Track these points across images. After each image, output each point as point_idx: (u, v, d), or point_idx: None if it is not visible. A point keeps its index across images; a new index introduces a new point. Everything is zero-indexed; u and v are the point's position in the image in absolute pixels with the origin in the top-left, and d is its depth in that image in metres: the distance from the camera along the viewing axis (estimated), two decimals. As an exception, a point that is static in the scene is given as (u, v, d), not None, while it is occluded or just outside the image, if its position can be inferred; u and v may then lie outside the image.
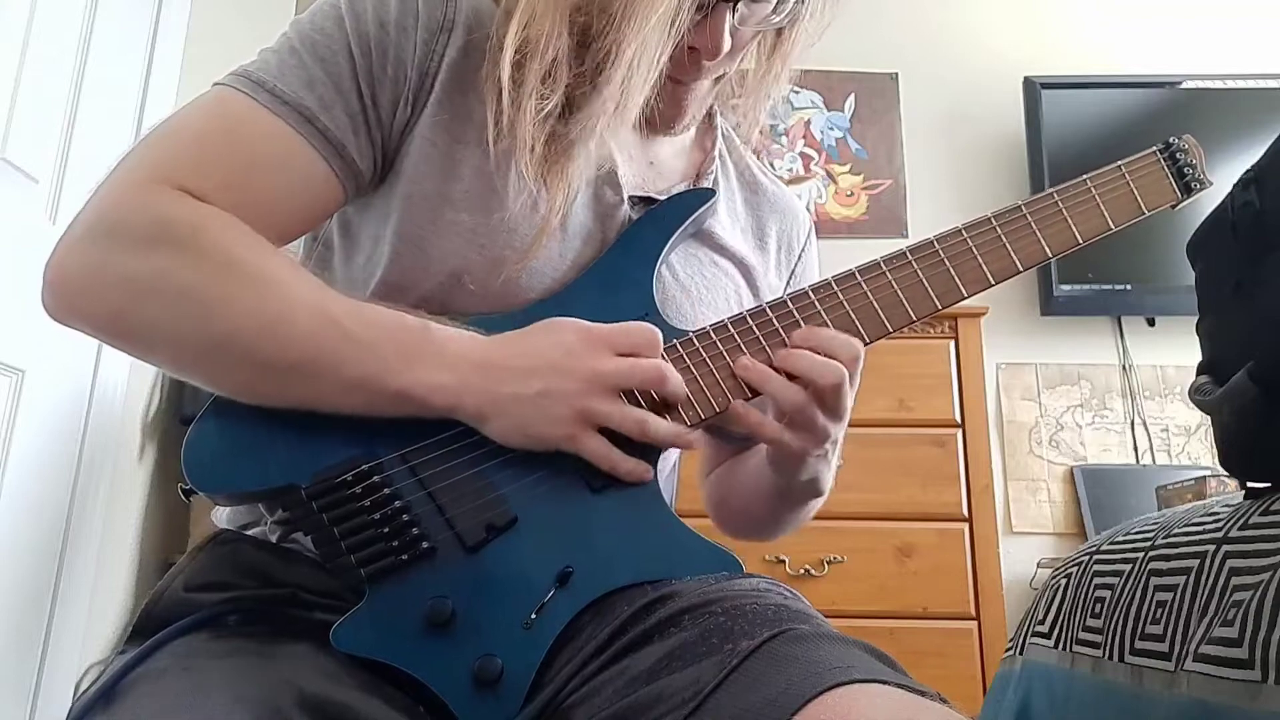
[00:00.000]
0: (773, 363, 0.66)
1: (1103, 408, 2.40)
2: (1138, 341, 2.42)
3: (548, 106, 0.65)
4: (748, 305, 0.71)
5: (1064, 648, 0.80)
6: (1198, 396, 0.73)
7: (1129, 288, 2.36)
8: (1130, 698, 0.67)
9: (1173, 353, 2.38)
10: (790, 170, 2.61)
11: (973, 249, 0.70)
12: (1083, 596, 0.80)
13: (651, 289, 0.68)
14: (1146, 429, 2.37)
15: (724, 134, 0.82)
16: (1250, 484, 0.69)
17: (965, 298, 0.70)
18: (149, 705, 0.50)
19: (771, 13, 0.68)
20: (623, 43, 0.62)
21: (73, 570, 1.71)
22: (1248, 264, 0.69)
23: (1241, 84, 2.44)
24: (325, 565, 0.58)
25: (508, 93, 0.64)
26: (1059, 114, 2.46)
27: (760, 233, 0.81)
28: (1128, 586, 0.73)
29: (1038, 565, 2.19)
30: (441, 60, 0.66)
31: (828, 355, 0.65)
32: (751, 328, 0.67)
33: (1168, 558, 0.70)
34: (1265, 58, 2.55)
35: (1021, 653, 0.88)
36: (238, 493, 0.61)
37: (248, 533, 0.66)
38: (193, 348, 0.60)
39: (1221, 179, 0.76)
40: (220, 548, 0.64)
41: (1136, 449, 2.36)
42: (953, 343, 2.08)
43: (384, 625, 0.56)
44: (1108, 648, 0.73)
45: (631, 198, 0.72)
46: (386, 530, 0.58)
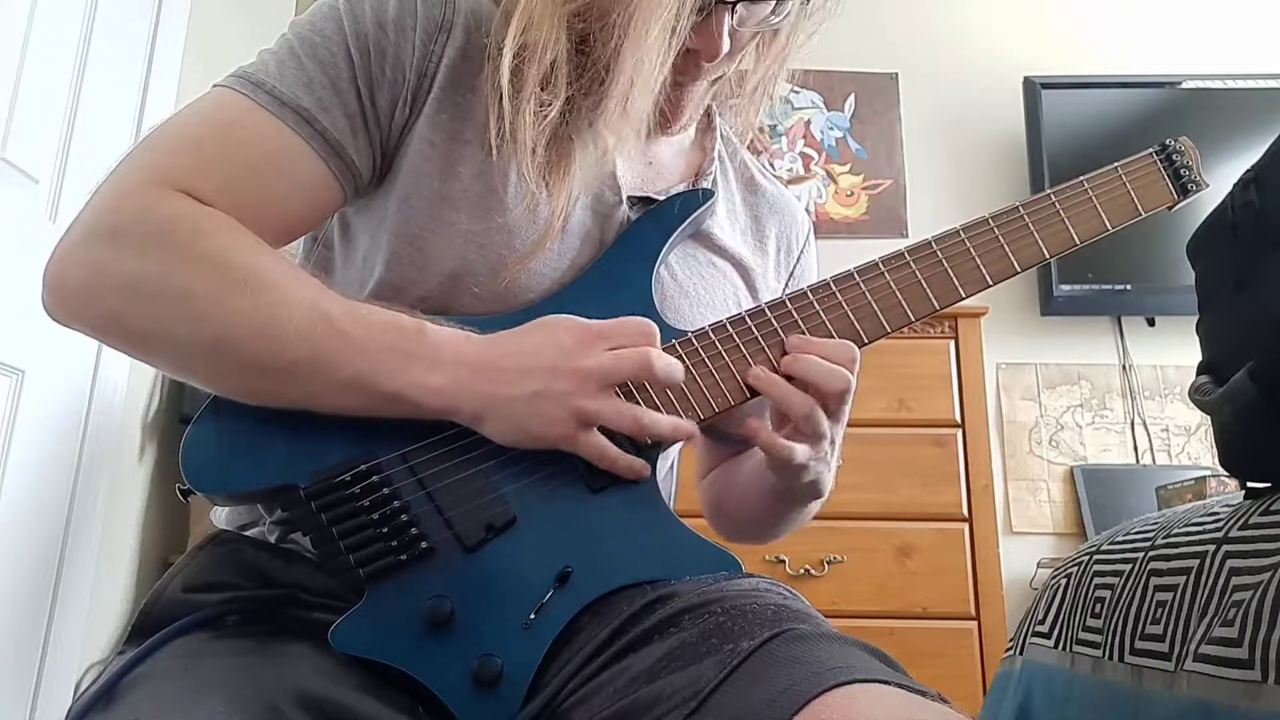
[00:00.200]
0: (778, 368, 0.66)
1: (1103, 408, 2.40)
2: (1138, 341, 2.42)
3: (549, 112, 0.65)
4: (746, 306, 0.71)
5: (1064, 648, 0.80)
6: (1198, 396, 0.73)
7: (1129, 288, 2.36)
8: (1130, 698, 0.67)
9: (1173, 353, 2.38)
10: (790, 170, 2.61)
11: (970, 250, 0.70)
12: (1083, 596, 0.80)
13: (650, 289, 0.68)
14: (1146, 429, 2.37)
15: (723, 135, 0.82)
16: (1250, 484, 0.69)
17: (963, 298, 0.70)
18: (148, 705, 0.50)
19: (770, 14, 0.68)
20: (625, 49, 0.62)
21: (73, 570, 1.71)
22: (1248, 264, 0.69)
23: (1241, 84, 2.44)
24: (324, 565, 0.58)
25: (507, 96, 0.64)
26: (1059, 114, 2.46)
27: (759, 234, 0.81)
28: (1128, 586, 0.73)
29: (1038, 565, 2.19)
30: (440, 61, 0.66)
31: (825, 360, 0.65)
32: (750, 328, 0.67)
33: (1168, 558, 0.70)
34: (1265, 58, 2.55)
35: (1021, 653, 0.88)
36: (236, 493, 0.61)
37: (247, 533, 0.66)
38: (190, 349, 0.60)
39: (1221, 179, 0.76)
40: (219, 548, 0.64)
41: (1136, 449, 2.36)
42: (953, 343, 2.08)
43: (383, 625, 0.56)
44: (1108, 648, 0.73)
45: (630, 198, 0.72)
46: (385, 530, 0.58)
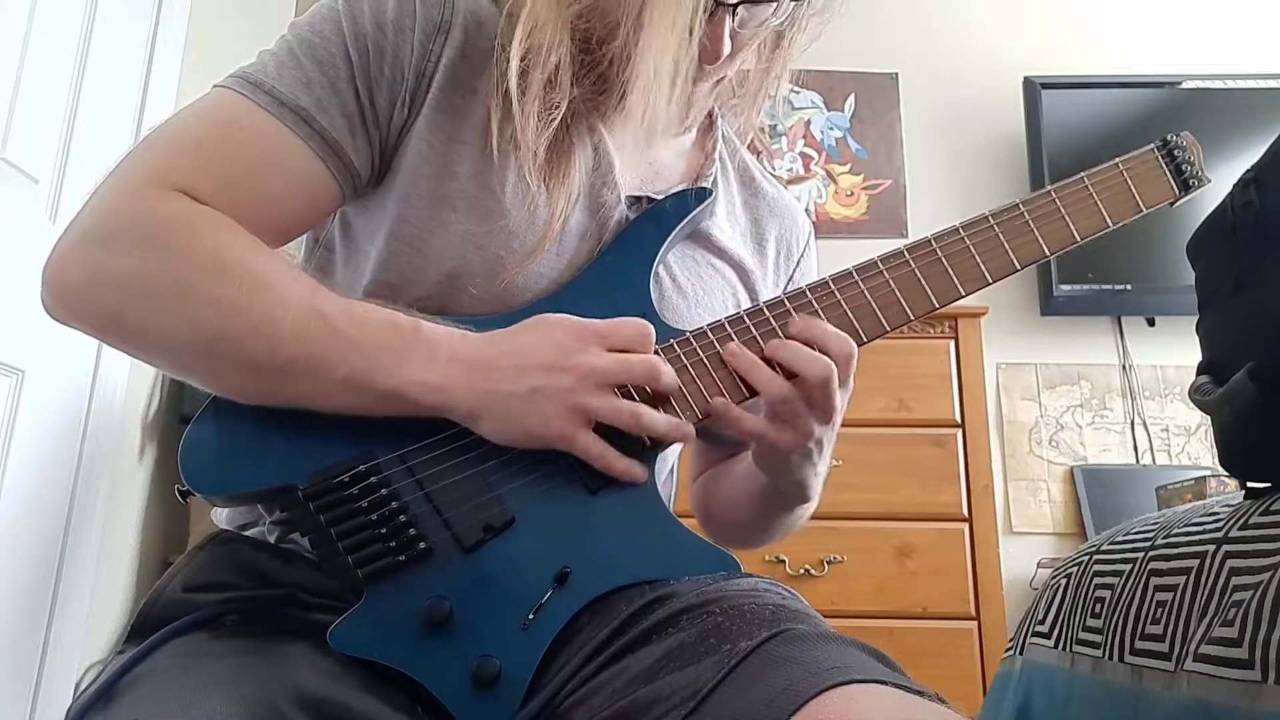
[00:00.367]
0: (763, 354, 0.65)
1: (1103, 408, 2.40)
2: (1138, 341, 2.42)
3: (555, 115, 0.65)
4: (744, 308, 0.71)
5: (1064, 648, 0.80)
6: (1198, 396, 0.72)
7: (1129, 288, 2.36)
8: (1130, 698, 0.67)
9: (1173, 353, 2.38)
10: (790, 170, 2.61)
11: (970, 248, 0.70)
12: (1083, 596, 0.80)
13: (648, 289, 0.68)
14: (1146, 429, 2.37)
15: (724, 136, 0.82)
16: (1250, 484, 0.69)
17: (963, 296, 0.70)
18: (147, 705, 0.50)
19: (771, 15, 0.68)
20: (636, 52, 0.62)
21: (73, 570, 1.71)
22: (1248, 264, 0.69)
23: (1241, 84, 2.44)
24: (323, 566, 0.58)
25: (515, 99, 0.64)
26: (1059, 114, 2.46)
27: (759, 236, 0.81)
28: (1128, 586, 0.73)
29: (1038, 565, 2.19)
30: (439, 62, 0.66)
31: (820, 349, 0.64)
32: (748, 327, 0.67)
33: (1168, 558, 0.70)
34: (1265, 58, 2.55)
35: (1021, 653, 0.88)
36: (234, 494, 0.61)
37: (246, 533, 0.66)
38: (187, 349, 0.60)
39: (1221, 179, 0.76)
40: (219, 548, 0.64)
41: (1136, 449, 2.36)
42: (953, 343, 2.08)
43: (381, 626, 0.56)
44: (1108, 648, 0.73)
45: (629, 198, 0.72)
46: (384, 531, 0.58)
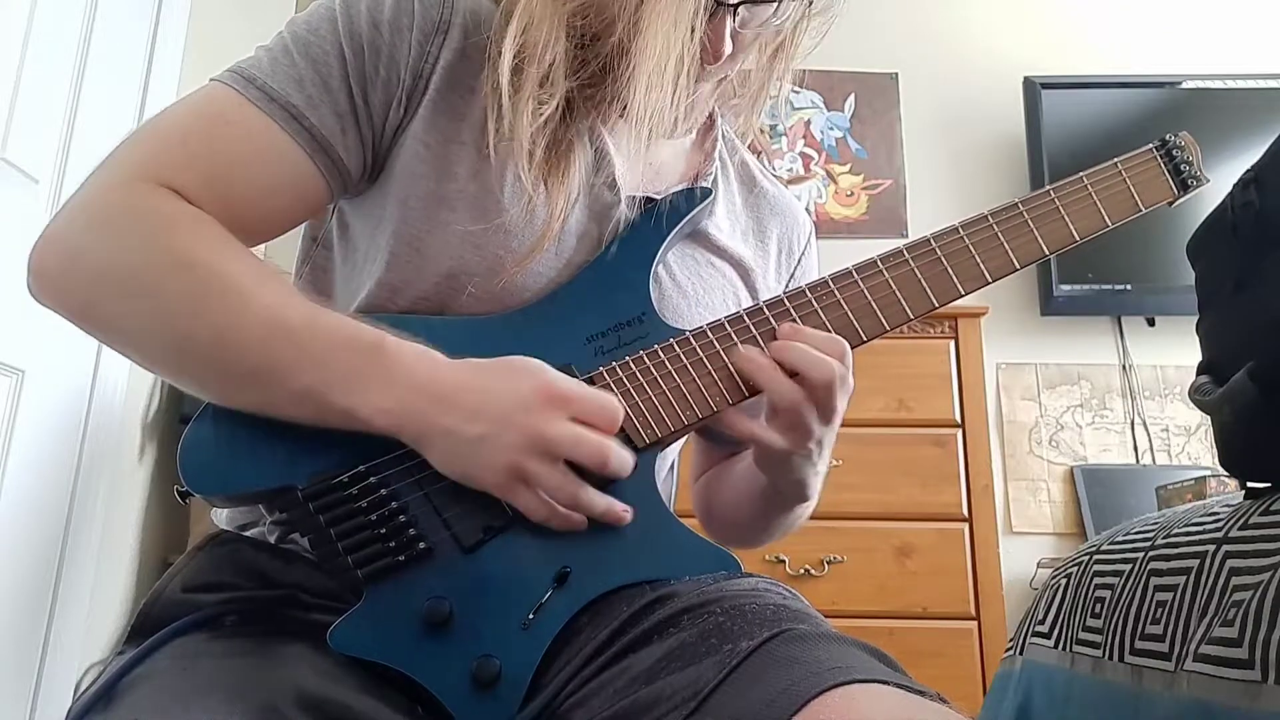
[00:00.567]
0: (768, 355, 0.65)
1: (1103, 408, 2.40)
2: (1138, 341, 2.42)
3: (545, 111, 0.65)
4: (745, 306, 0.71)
5: (1064, 648, 0.80)
6: (1198, 396, 0.72)
7: (1129, 288, 2.36)
8: (1130, 698, 0.67)
9: (1173, 353, 2.38)
10: (790, 170, 2.61)
11: (969, 247, 0.70)
12: (1083, 596, 0.80)
13: (648, 289, 0.68)
14: (1146, 429, 2.37)
15: (724, 136, 0.82)
16: (1250, 484, 0.69)
17: (962, 295, 0.70)
18: (147, 705, 0.50)
19: (772, 15, 0.67)
20: (635, 53, 0.62)
21: (73, 570, 1.71)
22: (1248, 264, 0.69)
23: (1241, 84, 2.44)
24: (322, 566, 0.58)
25: (507, 96, 0.64)
26: (1059, 114, 2.46)
27: (761, 235, 0.81)
28: (1128, 586, 0.73)
29: (1038, 565, 2.19)
30: (436, 62, 0.66)
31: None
32: (748, 326, 0.67)
33: (1168, 558, 0.70)
34: (1265, 58, 2.55)
35: (1021, 653, 0.88)
36: (234, 495, 0.61)
37: (246, 533, 0.66)
38: (155, 347, 0.60)
39: (1221, 179, 0.76)
40: (219, 548, 0.64)
41: (1136, 449, 2.36)
42: (953, 343, 2.08)
43: (381, 626, 0.56)
44: (1108, 648, 0.73)
45: (629, 198, 0.71)
46: (383, 531, 0.58)
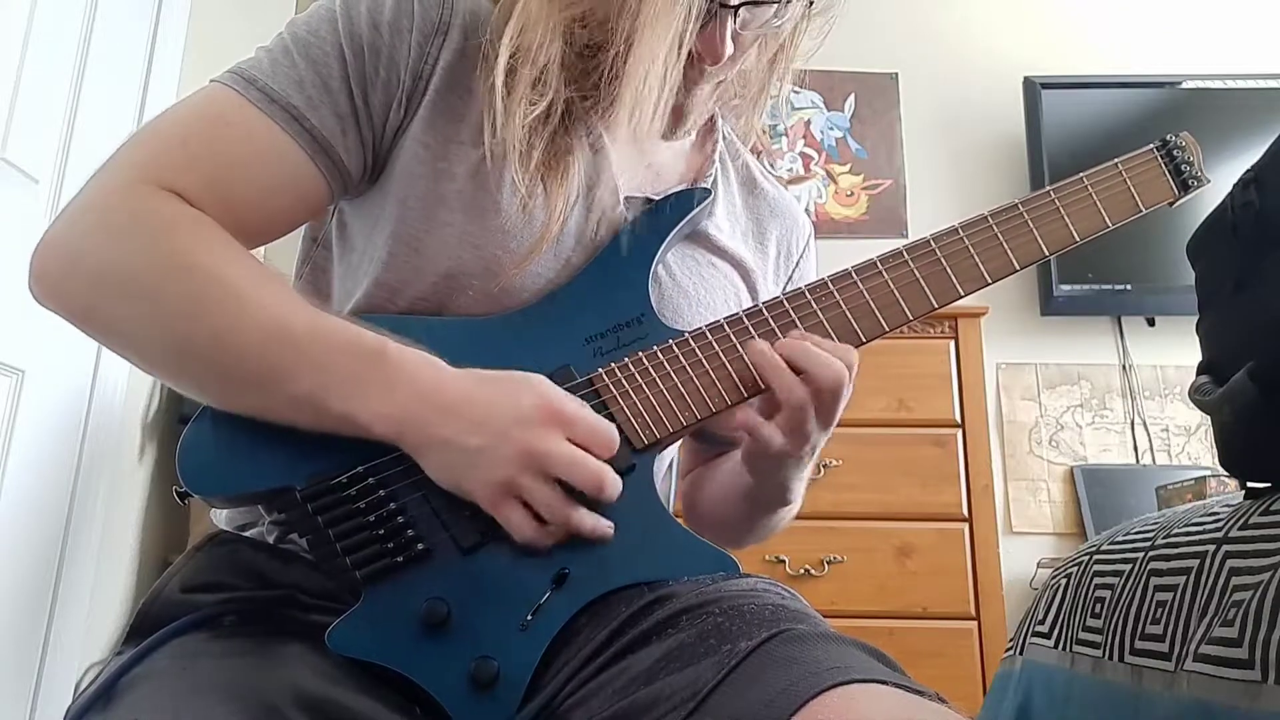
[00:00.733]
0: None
1: (1103, 408, 2.40)
2: (1138, 341, 2.42)
3: (536, 111, 0.65)
4: (745, 307, 0.71)
5: (1064, 648, 0.80)
6: (1198, 396, 0.72)
7: (1129, 288, 2.36)
8: (1130, 698, 0.67)
9: (1173, 353, 2.38)
10: (790, 170, 2.61)
11: (969, 248, 0.70)
12: (1083, 596, 0.80)
13: (647, 289, 0.68)
14: (1146, 429, 2.37)
15: (724, 137, 0.82)
16: (1250, 484, 0.69)
17: (962, 296, 0.70)
18: (146, 706, 0.50)
19: (773, 16, 0.67)
20: (632, 56, 0.62)
21: (73, 570, 1.71)
22: (1248, 264, 0.69)
23: (1241, 84, 2.44)
24: (321, 567, 0.58)
25: (500, 97, 0.64)
26: (1059, 114, 2.46)
27: (760, 236, 0.81)
28: (1128, 586, 0.73)
29: (1038, 565, 2.19)
30: (436, 63, 0.66)
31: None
32: (747, 327, 0.67)
33: (1168, 558, 0.70)
34: (1265, 58, 2.55)
35: (1021, 653, 0.88)
36: (232, 495, 0.61)
37: (245, 534, 0.66)
38: (154, 349, 0.60)
39: (1221, 179, 0.76)
40: (218, 549, 0.64)
41: (1136, 449, 2.36)
42: (953, 343, 2.08)
43: (379, 627, 0.56)
44: (1108, 648, 0.72)
45: (628, 199, 0.71)
46: (381, 532, 0.58)
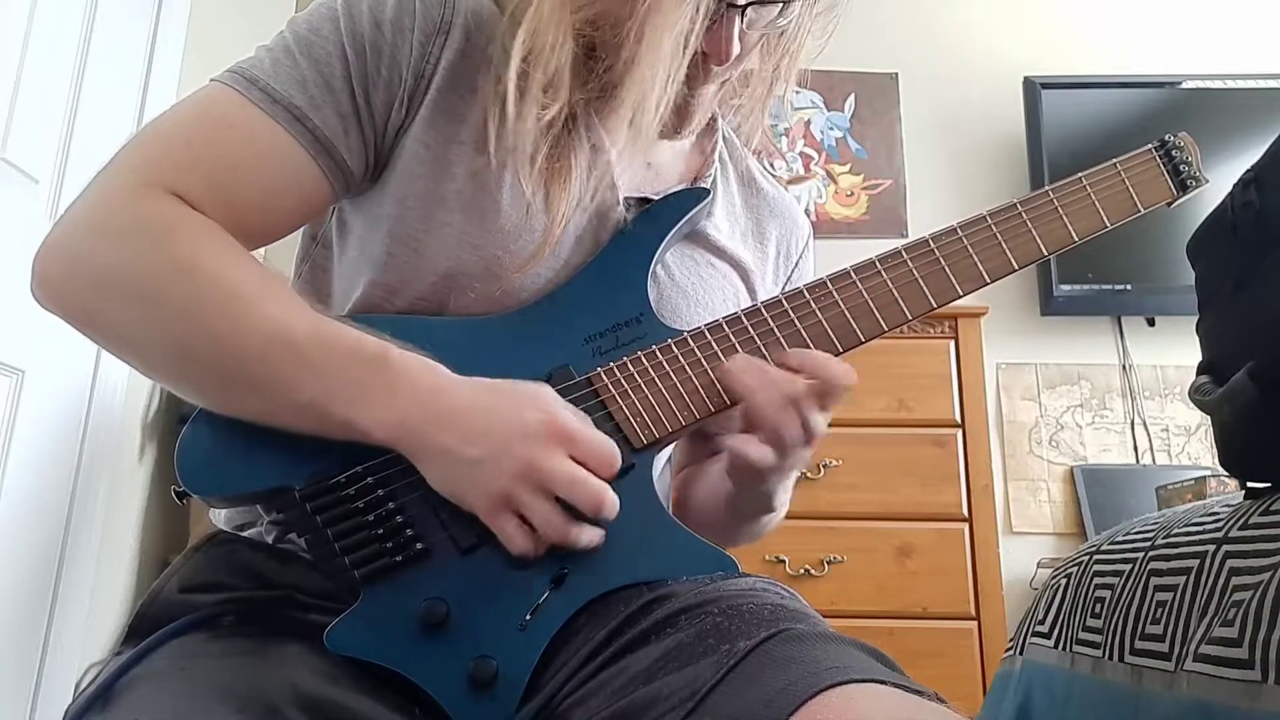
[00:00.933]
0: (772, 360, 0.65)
1: (1103, 408, 2.40)
2: (1138, 341, 2.42)
3: (548, 115, 0.65)
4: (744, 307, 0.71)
5: (1064, 648, 0.80)
6: (1198, 396, 0.72)
7: (1129, 288, 2.36)
8: (1130, 698, 0.67)
9: (1173, 353, 2.38)
10: (790, 170, 2.61)
11: (968, 248, 0.70)
12: (1083, 596, 0.80)
13: (646, 289, 0.68)
14: (1146, 429, 2.37)
15: (725, 137, 0.82)
16: (1250, 484, 0.69)
17: (960, 296, 0.70)
18: (146, 706, 0.50)
19: (778, 16, 0.68)
20: (638, 57, 0.62)
21: (73, 570, 1.71)
22: (1248, 264, 0.69)
23: (1241, 84, 2.44)
24: (319, 567, 0.58)
25: (512, 101, 0.64)
26: (1059, 114, 2.46)
27: (760, 236, 0.81)
28: (1128, 586, 0.73)
29: (1038, 565, 2.19)
30: (438, 63, 0.66)
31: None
32: (746, 327, 0.67)
33: (1168, 558, 0.70)
34: (1265, 58, 2.55)
35: (1021, 653, 0.88)
36: (230, 495, 0.61)
37: (244, 534, 0.66)
38: (156, 354, 0.60)
39: (1221, 179, 0.76)
40: (216, 549, 0.64)
41: (1136, 449, 2.36)
42: (953, 343, 2.08)
43: (378, 627, 0.56)
44: (1108, 648, 0.72)
45: (627, 199, 0.71)
46: (380, 532, 0.58)
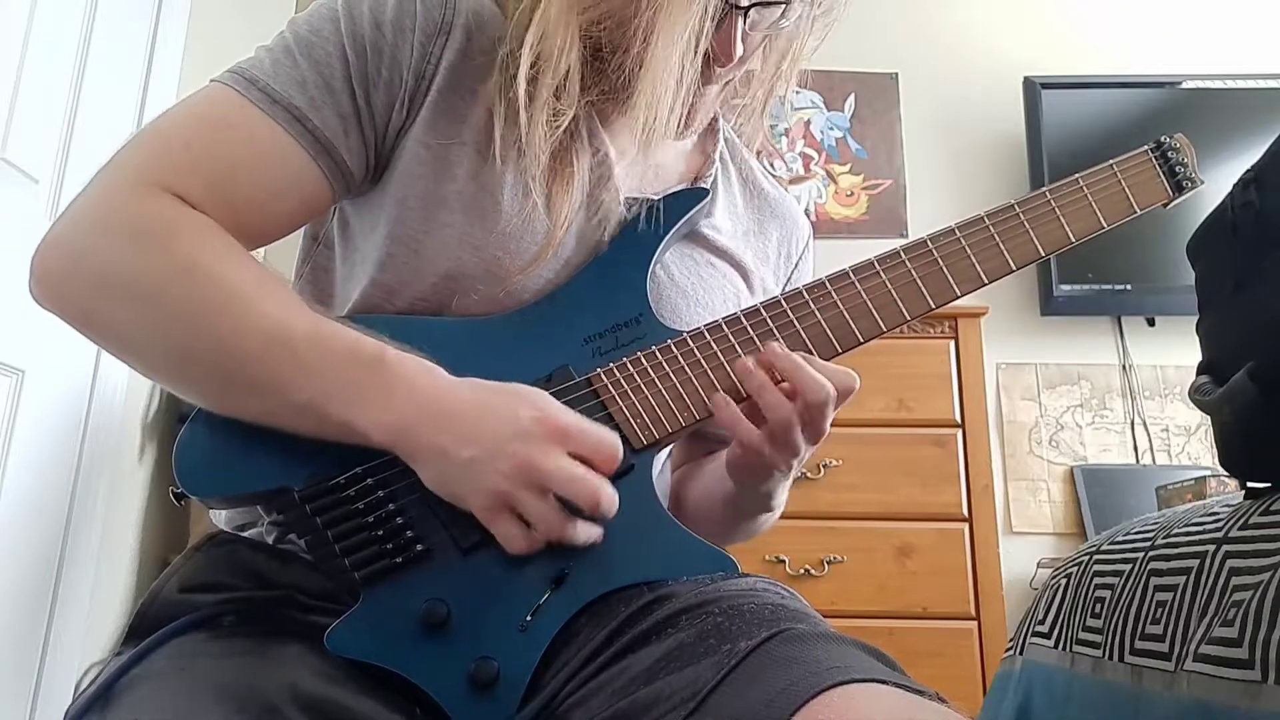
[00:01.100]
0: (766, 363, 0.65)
1: (1103, 408, 2.40)
2: (1138, 341, 2.42)
3: (561, 122, 0.65)
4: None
5: (1064, 648, 0.80)
6: (1198, 396, 0.72)
7: (1129, 288, 2.35)
8: (1130, 698, 0.67)
9: (1173, 353, 2.38)
10: (790, 170, 2.61)
11: (966, 248, 0.70)
12: (1083, 596, 0.80)
13: (645, 289, 0.68)
14: (1146, 429, 2.37)
15: (726, 137, 0.82)
16: (1250, 484, 0.69)
17: (959, 297, 0.70)
18: (146, 706, 0.50)
19: (780, 17, 0.68)
20: (648, 59, 0.62)
21: (73, 570, 1.71)
22: (1248, 264, 0.69)
23: (1241, 84, 2.44)
24: (319, 568, 0.58)
25: (523, 106, 0.64)
26: (1059, 114, 2.46)
27: (761, 237, 0.81)
28: (1128, 586, 0.73)
29: (1038, 565, 2.19)
30: (438, 64, 0.66)
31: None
32: (746, 327, 0.67)
33: (1168, 558, 0.70)
34: (1265, 58, 2.55)
35: (1021, 653, 0.88)
36: (229, 496, 0.61)
37: (245, 534, 0.66)
38: (153, 354, 0.60)
39: (1221, 179, 0.76)
40: (216, 549, 0.64)
41: (1136, 449, 2.36)
42: (953, 343, 2.08)
43: (379, 628, 0.56)
44: (1108, 648, 0.72)
45: (627, 199, 0.72)
46: (380, 533, 0.58)
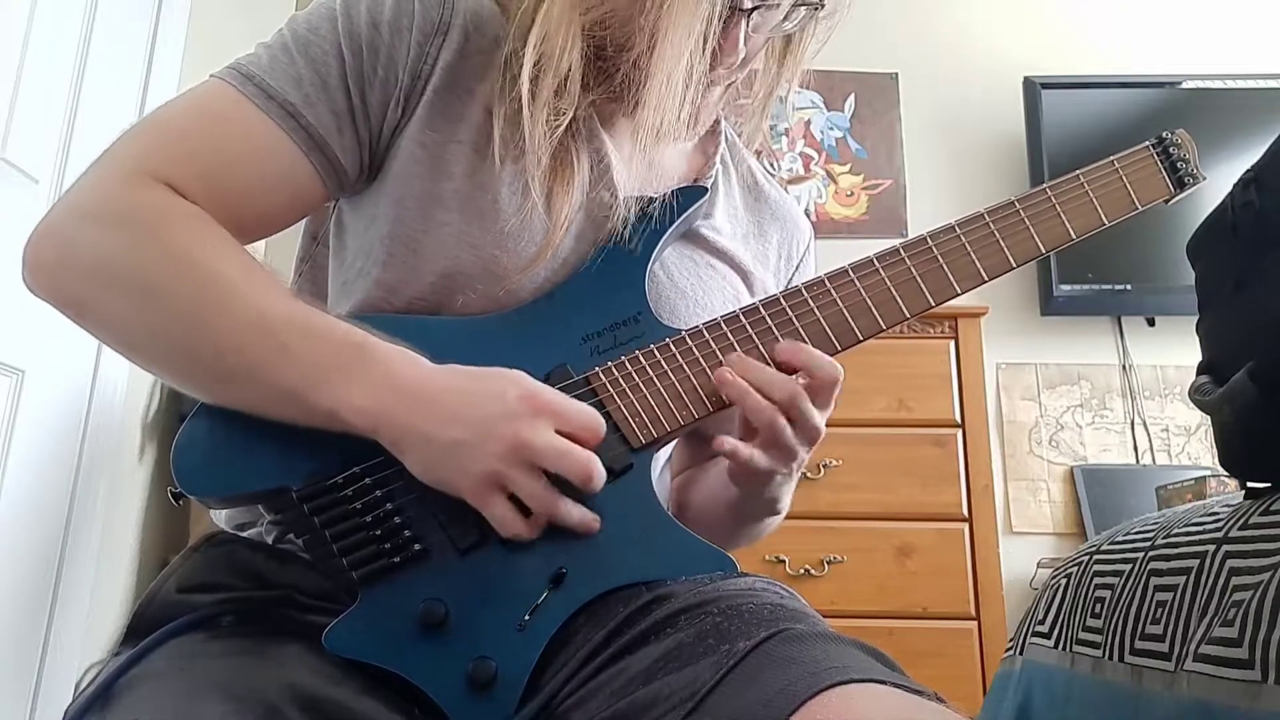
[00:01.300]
0: (767, 358, 0.65)
1: (1103, 408, 2.40)
2: (1138, 341, 2.42)
3: (561, 122, 0.65)
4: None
5: (1064, 648, 0.80)
6: (1198, 396, 0.72)
7: (1129, 288, 2.35)
8: (1130, 698, 0.67)
9: (1173, 353, 2.38)
10: (790, 170, 2.61)
11: (966, 246, 0.70)
12: (1083, 596, 0.80)
13: (643, 288, 0.68)
14: (1146, 429, 2.37)
15: (727, 138, 0.82)
16: (1250, 484, 0.69)
17: (959, 294, 0.70)
18: (145, 706, 0.50)
19: (783, 19, 0.68)
20: (653, 59, 0.62)
21: (73, 570, 1.71)
22: (1248, 264, 0.69)
23: (1241, 84, 2.44)
24: (317, 567, 0.58)
25: (526, 105, 0.64)
26: (1059, 114, 2.46)
27: (761, 238, 0.81)
28: (1128, 586, 0.73)
29: (1038, 565, 2.19)
30: (435, 63, 0.66)
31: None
32: (744, 326, 0.67)
33: (1168, 558, 0.70)
34: (1265, 58, 2.55)
35: (1021, 653, 0.88)
36: (227, 496, 0.61)
37: (244, 534, 0.66)
38: (145, 342, 0.61)
39: (1221, 179, 0.76)
40: (215, 549, 0.64)
41: (1136, 449, 2.36)
42: (953, 343, 2.08)
43: (377, 628, 0.56)
44: (1108, 648, 0.72)
45: (626, 199, 0.71)
46: (378, 533, 0.58)
